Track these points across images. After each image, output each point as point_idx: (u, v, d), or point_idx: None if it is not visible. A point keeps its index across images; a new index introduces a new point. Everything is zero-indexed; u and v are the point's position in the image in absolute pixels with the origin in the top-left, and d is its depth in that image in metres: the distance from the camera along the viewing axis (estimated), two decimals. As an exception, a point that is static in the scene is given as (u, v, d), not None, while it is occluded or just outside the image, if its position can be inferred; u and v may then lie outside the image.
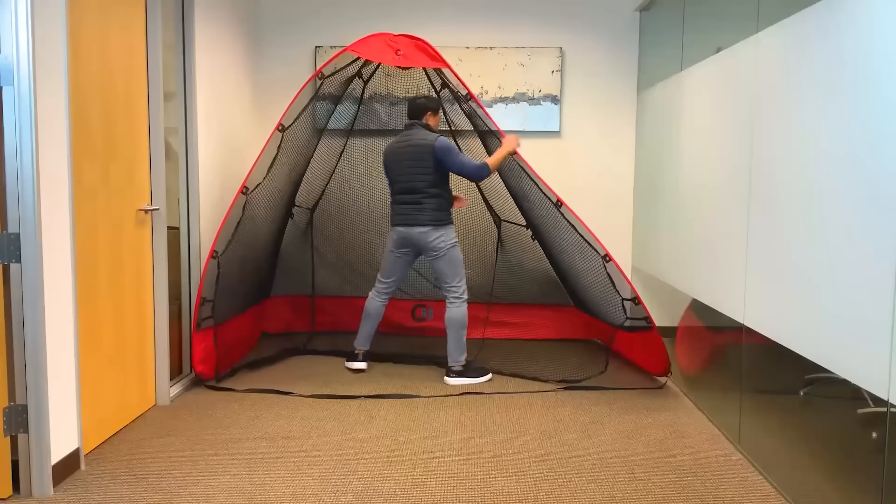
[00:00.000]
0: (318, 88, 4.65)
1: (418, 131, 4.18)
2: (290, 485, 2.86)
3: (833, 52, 2.47)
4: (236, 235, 4.20)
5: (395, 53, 4.19)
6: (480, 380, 4.23)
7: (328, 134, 5.06)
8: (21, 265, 2.65)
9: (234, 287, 4.32)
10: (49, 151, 2.75)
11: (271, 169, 4.35)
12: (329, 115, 5.00)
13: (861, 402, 2.30)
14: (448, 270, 4.18)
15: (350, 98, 5.06)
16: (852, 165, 2.33)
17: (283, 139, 4.38)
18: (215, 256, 4.06)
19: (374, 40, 4.21)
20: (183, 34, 4.02)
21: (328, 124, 5.04)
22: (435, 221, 4.15)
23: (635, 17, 5.29)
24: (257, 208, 4.37)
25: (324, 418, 3.60)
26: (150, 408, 3.70)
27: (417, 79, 4.96)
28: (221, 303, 4.17)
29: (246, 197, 4.21)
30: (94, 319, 3.16)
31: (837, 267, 2.41)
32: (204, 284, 4.03)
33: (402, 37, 4.23)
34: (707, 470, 3.04)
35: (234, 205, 4.15)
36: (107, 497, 2.74)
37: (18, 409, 2.71)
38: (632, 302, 4.16)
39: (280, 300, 5.24)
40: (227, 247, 4.15)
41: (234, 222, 4.19)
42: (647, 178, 5.00)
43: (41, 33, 2.69)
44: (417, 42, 4.23)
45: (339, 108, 5.01)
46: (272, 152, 4.34)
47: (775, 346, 2.86)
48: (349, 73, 4.72)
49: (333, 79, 4.63)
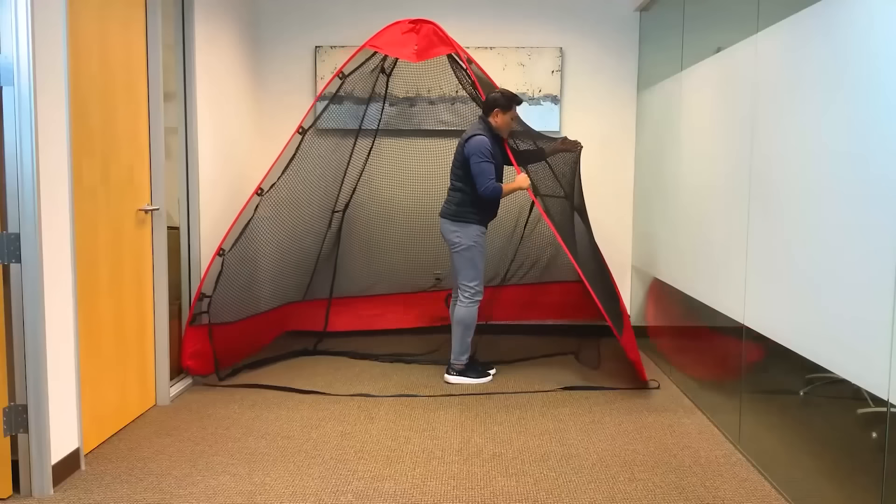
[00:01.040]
0: (339, 88, 4.60)
1: (474, 126, 4.11)
2: (290, 485, 2.86)
3: (833, 52, 2.47)
4: (245, 235, 4.22)
5: (412, 49, 4.16)
6: (480, 381, 4.22)
7: (356, 134, 4.99)
8: (21, 265, 2.65)
9: (244, 287, 4.32)
10: (49, 151, 2.75)
11: (286, 171, 4.34)
12: (354, 114, 4.92)
13: (861, 402, 2.30)
14: (462, 268, 4.15)
15: (376, 97, 4.99)
16: (852, 165, 2.33)
17: (303, 142, 4.37)
18: (222, 254, 4.07)
19: (391, 31, 4.19)
20: (183, 34, 4.02)
21: (356, 125, 4.97)
22: (452, 216, 4.13)
23: (635, 17, 5.29)
24: (277, 210, 4.37)
25: (324, 418, 3.60)
26: (150, 408, 3.70)
27: (440, 68, 4.93)
28: (225, 301, 4.17)
29: (260, 198, 4.22)
30: (94, 319, 3.16)
31: (838, 267, 2.41)
32: (205, 281, 4.03)
33: (416, 24, 4.18)
34: (707, 470, 3.04)
35: (248, 205, 4.17)
36: (107, 497, 2.74)
37: (18, 409, 2.71)
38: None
39: (309, 304, 5.19)
40: (233, 246, 4.16)
41: (244, 222, 4.21)
42: (646, 178, 5.00)
43: (41, 33, 2.69)
44: (427, 27, 4.18)
45: (364, 106, 4.92)
46: (290, 154, 4.34)
47: (775, 345, 2.86)
48: (370, 68, 4.66)
49: (354, 76, 4.56)
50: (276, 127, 5.40)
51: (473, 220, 4.12)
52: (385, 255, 5.23)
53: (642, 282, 5.06)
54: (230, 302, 4.25)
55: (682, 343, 4.14)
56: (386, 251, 5.22)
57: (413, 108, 5.15)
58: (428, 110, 5.17)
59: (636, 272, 5.25)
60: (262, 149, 5.39)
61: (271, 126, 5.40)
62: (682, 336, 4.15)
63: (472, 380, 4.21)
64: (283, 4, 5.35)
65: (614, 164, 5.39)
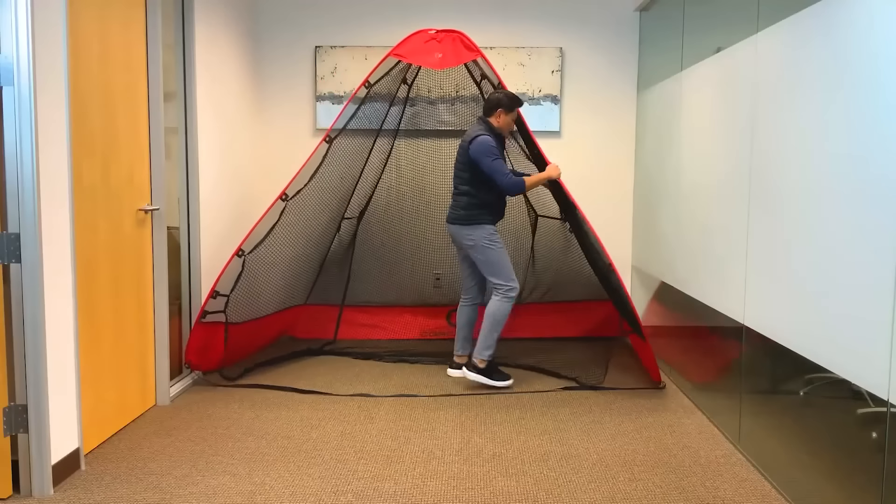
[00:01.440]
0: (365, 98, 4.58)
1: (475, 127, 4.04)
2: (290, 485, 2.86)
3: (833, 52, 2.47)
4: (268, 239, 4.23)
5: (436, 57, 4.16)
6: (501, 384, 4.10)
7: (375, 139, 4.96)
8: (21, 265, 2.65)
9: (260, 289, 4.33)
10: (49, 151, 2.75)
11: (313, 178, 4.33)
12: (374, 119, 4.90)
13: (861, 402, 2.30)
14: (486, 268, 4.08)
15: (397, 102, 4.95)
16: (852, 165, 2.33)
17: (330, 151, 4.37)
18: (241, 255, 4.07)
19: (415, 40, 4.19)
20: (183, 33, 4.02)
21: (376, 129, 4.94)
22: (463, 220, 4.07)
23: (635, 17, 5.29)
24: (299, 216, 4.37)
25: (324, 418, 3.60)
26: (149, 408, 3.70)
27: (460, 75, 4.93)
28: (241, 302, 4.18)
29: (285, 203, 4.22)
30: (94, 319, 3.16)
31: (838, 267, 2.41)
32: (221, 279, 4.03)
33: (439, 33, 4.19)
34: (707, 470, 3.04)
35: (272, 209, 4.17)
36: (107, 497, 2.74)
37: (18, 409, 2.71)
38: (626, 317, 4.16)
39: (316, 308, 5.17)
40: (255, 248, 4.17)
41: (267, 226, 4.21)
42: (646, 178, 5.00)
43: (41, 33, 2.69)
44: (452, 35, 4.17)
45: (383, 111, 4.89)
46: (317, 162, 4.33)
47: (775, 346, 2.86)
48: (395, 77, 4.65)
49: (379, 85, 4.55)
50: (275, 126, 5.41)
51: (485, 220, 4.06)
52: (397, 265, 5.20)
53: (642, 282, 5.06)
54: (245, 302, 4.26)
55: (681, 343, 4.14)
56: (398, 260, 5.20)
57: (434, 106, 5.13)
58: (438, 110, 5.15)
59: (636, 272, 5.26)
60: (261, 148, 5.39)
61: (271, 126, 5.41)
62: (681, 336, 4.15)
63: (491, 381, 4.09)
64: (283, 4, 5.35)
65: (614, 164, 5.39)
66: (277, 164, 5.41)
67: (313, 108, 5.39)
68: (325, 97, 5.34)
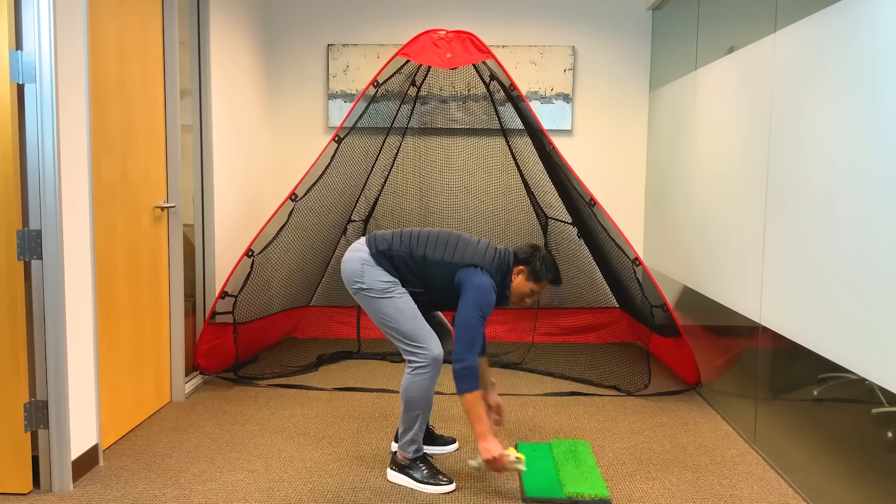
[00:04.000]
0: (374, 97, 4.58)
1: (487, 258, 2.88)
2: (309, 481, 2.87)
3: (855, 51, 2.47)
4: (278, 240, 4.22)
5: (445, 56, 4.14)
6: (431, 489, 2.82)
7: (384, 138, 4.96)
8: (42, 261, 2.66)
9: (268, 289, 4.33)
10: (70, 148, 2.76)
11: (321, 178, 4.33)
12: (384, 118, 4.88)
13: (876, 402, 2.30)
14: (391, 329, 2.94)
15: (408, 100, 4.94)
16: (872, 165, 2.33)
17: (339, 150, 4.37)
18: (250, 255, 4.08)
19: (424, 40, 4.17)
20: (198, 32, 4.03)
21: (385, 128, 4.93)
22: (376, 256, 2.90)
23: (648, 16, 5.28)
24: (306, 217, 4.38)
25: (339, 415, 3.61)
26: (165, 404, 3.71)
27: (469, 75, 4.91)
28: (249, 302, 4.18)
29: (294, 204, 4.23)
30: (112, 316, 3.17)
31: (856, 266, 2.40)
32: (230, 280, 4.03)
33: (449, 34, 4.17)
34: (724, 468, 3.04)
35: (281, 209, 4.17)
36: (126, 492, 2.75)
37: (39, 405, 2.72)
38: (660, 309, 4.11)
39: (321, 310, 5.20)
40: (265, 249, 4.17)
41: (276, 226, 4.21)
42: (658, 176, 4.99)
43: (62, 31, 2.70)
44: (461, 36, 4.16)
45: (393, 110, 4.87)
46: (325, 162, 4.33)
47: (791, 344, 2.86)
48: (403, 77, 4.62)
49: (388, 84, 4.52)
50: (288, 124, 5.41)
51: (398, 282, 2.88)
52: None
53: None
54: (253, 302, 4.27)
55: (695, 342, 4.14)
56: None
57: (445, 104, 5.12)
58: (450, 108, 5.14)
59: (647, 271, 5.25)
60: (274, 146, 5.41)
61: (283, 123, 5.41)
62: (695, 335, 4.15)
63: (418, 484, 2.84)
64: (295, 3, 5.36)
65: (626, 163, 5.39)
66: (290, 161, 5.42)
67: (325, 106, 5.40)
68: (337, 95, 5.34)
